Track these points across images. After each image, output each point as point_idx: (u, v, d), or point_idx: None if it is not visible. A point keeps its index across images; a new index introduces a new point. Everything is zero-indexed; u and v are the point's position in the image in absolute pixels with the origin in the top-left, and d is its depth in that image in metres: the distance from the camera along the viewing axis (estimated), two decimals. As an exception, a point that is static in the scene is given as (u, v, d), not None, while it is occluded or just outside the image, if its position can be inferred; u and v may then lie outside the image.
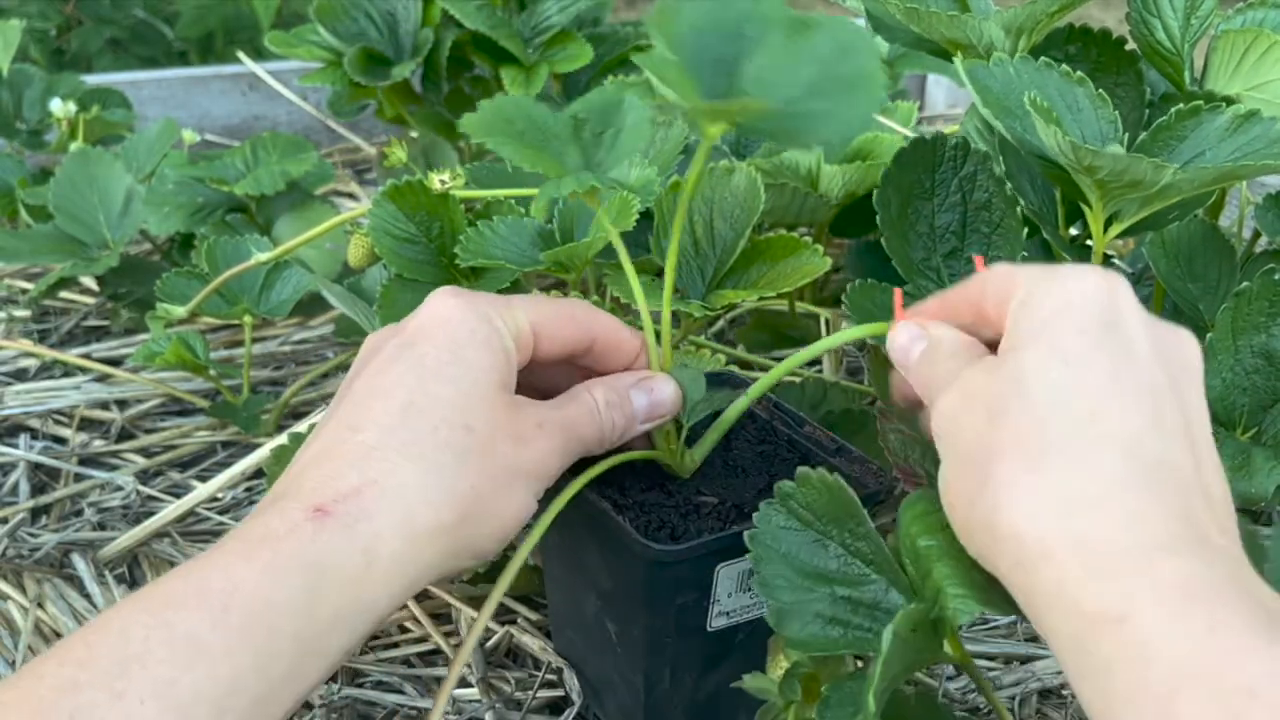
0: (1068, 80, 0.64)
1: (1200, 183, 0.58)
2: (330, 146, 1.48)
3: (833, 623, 0.44)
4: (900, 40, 0.73)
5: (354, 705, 0.65)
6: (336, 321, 0.99)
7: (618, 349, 0.54)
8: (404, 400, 0.47)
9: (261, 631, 0.40)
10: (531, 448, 0.48)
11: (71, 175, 1.01)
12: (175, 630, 0.39)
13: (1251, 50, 0.67)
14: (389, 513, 0.44)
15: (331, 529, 0.43)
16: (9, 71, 1.21)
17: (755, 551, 0.45)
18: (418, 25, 1.11)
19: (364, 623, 0.44)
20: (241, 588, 0.41)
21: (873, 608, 0.44)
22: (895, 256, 0.69)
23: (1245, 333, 0.63)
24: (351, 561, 0.43)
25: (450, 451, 0.46)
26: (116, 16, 1.99)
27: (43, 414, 0.93)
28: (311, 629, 0.42)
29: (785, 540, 0.46)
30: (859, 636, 0.44)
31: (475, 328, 0.49)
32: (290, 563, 0.42)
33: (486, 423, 0.47)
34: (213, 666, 0.39)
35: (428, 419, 0.46)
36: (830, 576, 0.45)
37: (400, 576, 0.44)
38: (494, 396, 0.48)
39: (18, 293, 1.12)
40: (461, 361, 0.48)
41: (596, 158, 0.53)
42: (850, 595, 0.44)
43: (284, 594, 0.41)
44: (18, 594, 0.73)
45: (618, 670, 0.58)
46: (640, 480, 0.56)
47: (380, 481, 0.44)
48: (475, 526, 0.46)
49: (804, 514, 0.46)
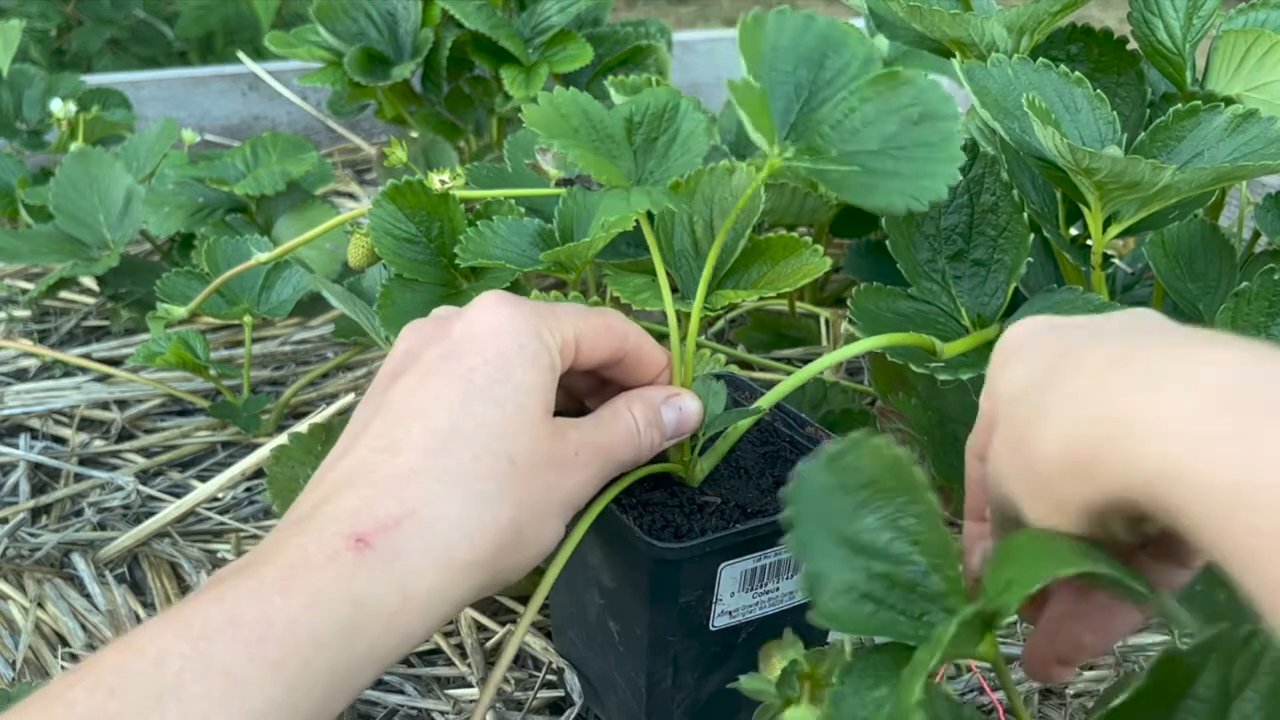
0: (1066, 81, 0.64)
1: (1199, 183, 0.58)
2: (330, 146, 1.48)
3: (865, 598, 0.41)
4: (902, 39, 0.73)
5: (354, 705, 0.65)
6: (336, 321, 0.99)
7: (646, 362, 0.53)
8: (447, 424, 0.45)
9: (297, 665, 0.40)
10: (570, 478, 0.48)
11: (71, 175, 1.01)
12: (211, 662, 0.38)
13: (1253, 51, 0.67)
14: (427, 550, 0.43)
15: (371, 563, 0.42)
16: (9, 71, 1.21)
17: (793, 510, 0.41)
18: (418, 25, 1.11)
19: (394, 656, 0.43)
20: (278, 621, 0.40)
21: (909, 589, 0.41)
22: (900, 258, 0.69)
23: (1245, 333, 0.63)
24: (390, 597, 0.42)
25: (492, 482, 0.45)
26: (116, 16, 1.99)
27: (43, 414, 0.93)
28: (346, 664, 0.41)
29: (828, 502, 0.42)
30: (890, 618, 0.41)
31: (525, 343, 0.47)
32: (330, 598, 0.41)
33: (529, 454, 0.46)
34: (246, 700, 0.38)
35: (470, 446, 0.45)
36: (870, 549, 0.42)
37: (434, 613, 0.43)
38: (538, 424, 0.47)
39: (18, 293, 1.12)
40: (509, 380, 0.46)
41: (649, 165, 0.52)
42: (889, 573, 0.41)
43: (323, 628, 0.41)
44: (18, 594, 0.73)
45: (619, 669, 0.58)
46: (644, 480, 0.56)
47: (419, 512, 0.43)
48: (510, 559, 0.46)
49: (852, 479, 0.42)
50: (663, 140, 0.52)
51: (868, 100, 0.47)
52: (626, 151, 0.52)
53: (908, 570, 0.41)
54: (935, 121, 0.46)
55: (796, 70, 0.48)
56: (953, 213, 0.70)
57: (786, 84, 0.48)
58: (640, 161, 0.52)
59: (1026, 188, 0.71)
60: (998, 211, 0.68)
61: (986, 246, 0.69)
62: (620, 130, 0.52)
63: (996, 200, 0.69)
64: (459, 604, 0.45)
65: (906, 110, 0.46)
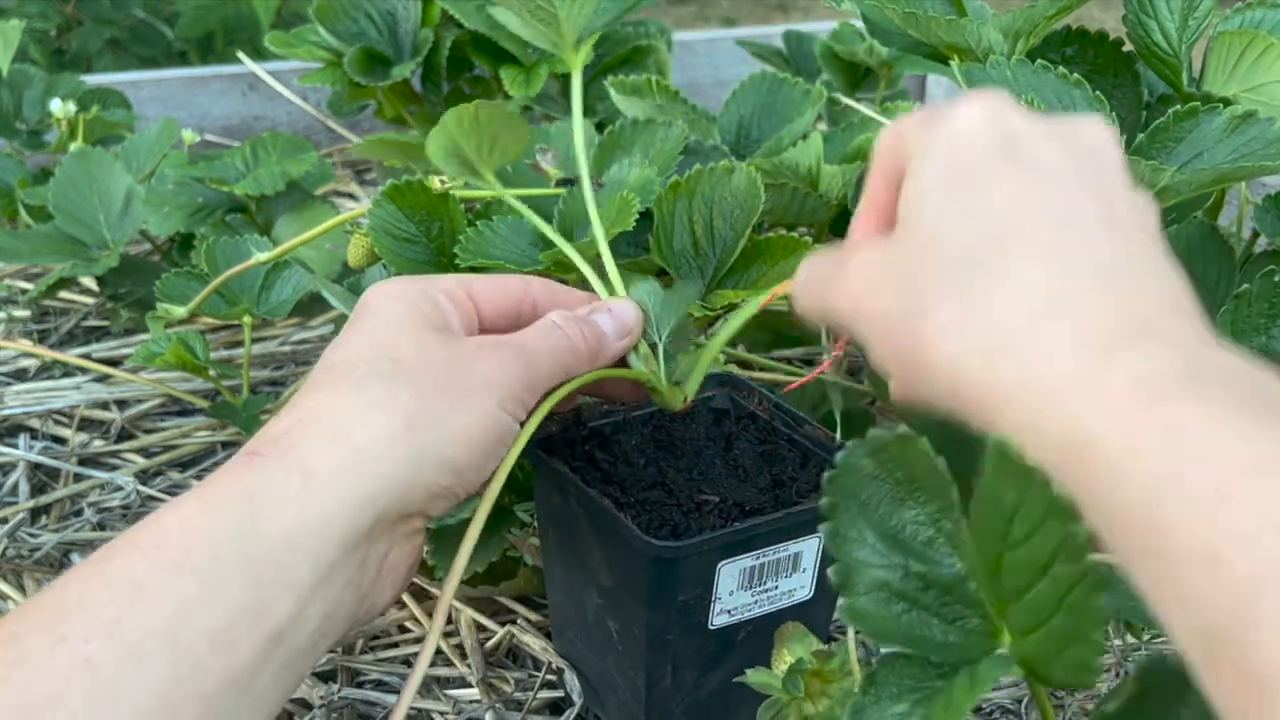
0: (1065, 82, 0.64)
1: (1198, 184, 0.59)
2: (330, 146, 1.48)
3: (898, 598, 0.39)
4: (897, 44, 0.73)
5: (354, 705, 0.65)
6: (336, 322, 0.99)
7: (562, 304, 0.54)
8: (330, 362, 0.47)
9: (203, 559, 0.39)
10: (478, 363, 0.48)
11: (71, 175, 1.01)
12: (112, 576, 0.39)
13: (1249, 52, 0.67)
14: (319, 435, 0.44)
15: (263, 462, 0.43)
16: (9, 71, 1.21)
17: (832, 497, 0.40)
18: (418, 25, 1.11)
19: (327, 546, 0.42)
20: (171, 527, 0.40)
21: (946, 590, 0.39)
22: None
23: (1245, 335, 0.63)
24: (289, 482, 0.42)
25: (377, 377, 0.46)
26: (116, 17, 1.99)
27: (42, 414, 0.93)
28: (263, 549, 0.40)
29: (870, 491, 0.40)
30: (919, 619, 0.39)
31: (403, 291, 0.49)
32: (223, 498, 0.41)
33: (414, 350, 0.47)
34: (155, 601, 0.38)
35: (352, 362, 0.47)
36: (908, 545, 0.40)
37: (351, 488, 0.43)
38: (421, 333, 0.48)
39: (18, 293, 1.12)
40: (383, 318, 0.48)
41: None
42: (925, 573, 0.39)
43: (221, 522, 0.40)
44: (17, 594, 0.73)
45: (619, 669, 0.58)
46: (641, 479, 0.56)
47: (306, 417, 0.44)
48: (431, 431, 0.45)
49: (897, 471, 0.40)
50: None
51: None
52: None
53: (945, 572, 0.39)
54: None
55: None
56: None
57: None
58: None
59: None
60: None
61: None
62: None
63: None
64: (387, 483, 0.43)
65: None
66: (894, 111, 0.99)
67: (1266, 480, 0.28)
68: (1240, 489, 0.28)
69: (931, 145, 0.38)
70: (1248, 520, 0.27)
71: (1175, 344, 0.33)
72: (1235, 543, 0.27)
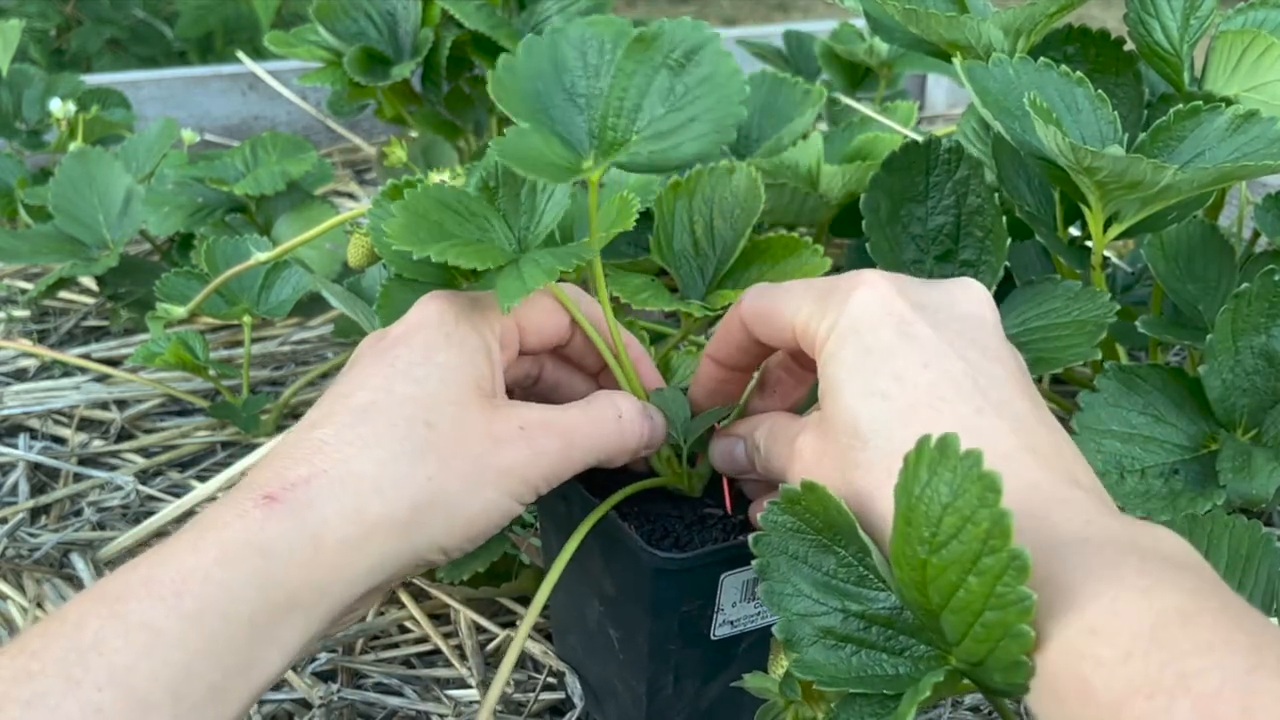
0: (1067, 81, 0.64)
1: (1200, 183, 0.58)
2: (330, 146, 1.48)
3: (845, 641, 0.41)
4: (899, 41, 0.73)
5: (354, 706, 0.65)
6: (336, 321, 0.99)
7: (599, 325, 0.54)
8: (366, 400, 0.46)
9: (215, 617, 0.40)
10: (510, 450, 0.47)
11: (71, 175, 1.01)
12: (130, 620, 0.39)
13: (1250, 51, 0.67)
14: (337, 500, 0.43)
15: (279, 515, 0.43)
16: (9, 71, 1.21)
17: (762, 557, 0.42)
18: (418, 25, 1.11)
19: (319, 611, 0.43)
20: (193, 575, 0.40)
21: (886, 624, 0.41)
22: (881, 260, 0.70)
23: (1245, 334, 0.63)
24: (301, 546, 0.42)
25: (408, 444, 0.45)
26: (116, 16, 1.99)
27: (42, 414, 0.93)
28: (266, 614, 0.41)
29: (793, 544, 0.42)
30: (869, 659, 0.40)
31: (451, 330, 0.48)
32: (240, 550, 0.42)
33: (452, 420, 0.46)
34: (168, 652, 0.39)
35: (387, 416, 0.46)
36: (842, 588, 0.42)
37: (352, 564, 0.43)
38: (465, 396, 0.47)
39: (17, 293, 1.12)
40: (431, 362, 0.47)
41: (521, 224, 0.53)
42: (863, 611, 0.41)
43: (237, 579, 0.41)
44: (17, 594, 0.73)
45: (619, 677, 0.57)
46: (647, 491, 0.56)
47: (330, 471, 0.44)
48: (435, 518, 0.45)
49: (815, 520, 0.43)
50: (524, 192, 0.53)
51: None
52: (497, 220, 0.52)
53: (881, 606, 0.41)
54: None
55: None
56: (939, 214, 0.70)
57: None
58: (512, 223, 0.53)
59: (1022, 190, 0.71)
60: (983, 213, 0.69)
61: (974, 248, 0.69)
62: (481, 203, 0.52)
63: (982, 203, 0.69)
64: (384, 560, 0.44)
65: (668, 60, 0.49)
66: (894, 111, 0.99)
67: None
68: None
69: (839, 331, 0.45)
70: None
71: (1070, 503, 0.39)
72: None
